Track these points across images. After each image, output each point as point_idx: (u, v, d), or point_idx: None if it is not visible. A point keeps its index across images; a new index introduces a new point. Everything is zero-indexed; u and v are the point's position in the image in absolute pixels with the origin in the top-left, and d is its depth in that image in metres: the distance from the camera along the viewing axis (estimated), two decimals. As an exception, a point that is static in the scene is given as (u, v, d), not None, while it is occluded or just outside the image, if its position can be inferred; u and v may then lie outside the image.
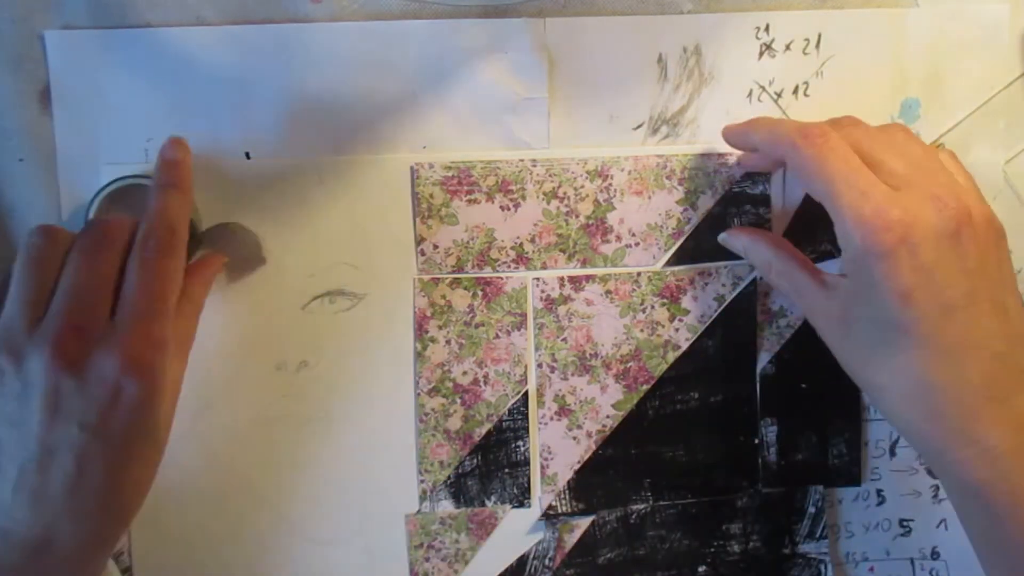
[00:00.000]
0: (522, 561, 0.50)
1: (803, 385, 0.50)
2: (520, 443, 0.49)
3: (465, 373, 0.49)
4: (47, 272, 0.40)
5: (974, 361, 0.38)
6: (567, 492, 0.50)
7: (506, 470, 0.49)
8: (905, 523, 0.51)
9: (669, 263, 0.49)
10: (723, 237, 0.48)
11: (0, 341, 0.39)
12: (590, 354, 0.49)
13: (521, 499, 0.50)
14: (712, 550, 0.50)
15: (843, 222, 0.39)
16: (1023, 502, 0.37)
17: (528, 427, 0.49)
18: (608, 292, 0.49)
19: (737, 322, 0.50)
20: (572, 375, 0.49)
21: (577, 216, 0.48)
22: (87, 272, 0.40)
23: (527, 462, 0.49)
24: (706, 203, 0.49)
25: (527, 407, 0.49)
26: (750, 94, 0.48)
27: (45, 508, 0.38)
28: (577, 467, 0.50)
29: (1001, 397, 0.38)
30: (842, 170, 0.39)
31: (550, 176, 0.48)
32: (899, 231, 0.38)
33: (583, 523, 0.50)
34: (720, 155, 0.49)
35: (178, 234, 0.41)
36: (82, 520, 0.39)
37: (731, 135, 0.46)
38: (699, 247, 0.49)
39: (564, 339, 0.49)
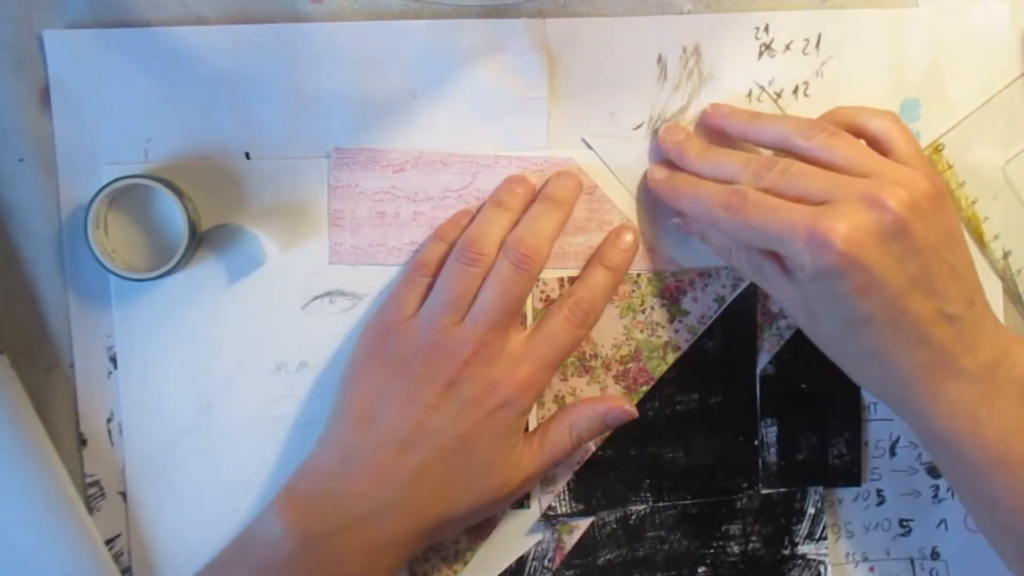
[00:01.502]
0: (521, 562, 0.50)
1: (803, 385, 0.50)
2: (520, 444, 0.49)
3: (465, 373, 0.49)
4: (472, 287, 0.45)
5: (934, 330, 0.41)
6: (566, 493, 0.50)
7: (506, 471, 0.49)
8: (905, 523, 0.51)
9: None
10: (676, 222, 0.48)
11: (418, 330, 0.44)
12: (590, 355, 0.49)
13: (521, 500, 0.50)
14: (712, 551, 0.50)
15: (792, 253, 0.41)
16: (987, 445, 0.41)
17: (528, 428, 0.49)
18: (608, 292, 0.49)
19: (737, 323, 0.50)
20: (572, 375, 0.49)
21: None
22: (507, 299, 0.44)
23: (527, 463, 0.49)
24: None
25: (527, 408, 0.49)
26: (750, 94, 0.48)
27: (381, 487, 0.43)
28: (577, 468, 0.50)
29: (961, 353, 0.41)
30: (767, 217, 0.41)
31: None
32: (838, 245, 0.39)
33: (582, 524, 0.50)
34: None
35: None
36: (401, 515, 0.44)
37: (659, 186, 0.47)
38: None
39: (564, 339, 0.49)
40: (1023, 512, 0.41)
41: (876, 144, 0.44)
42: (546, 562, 0.50)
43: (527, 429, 0.48)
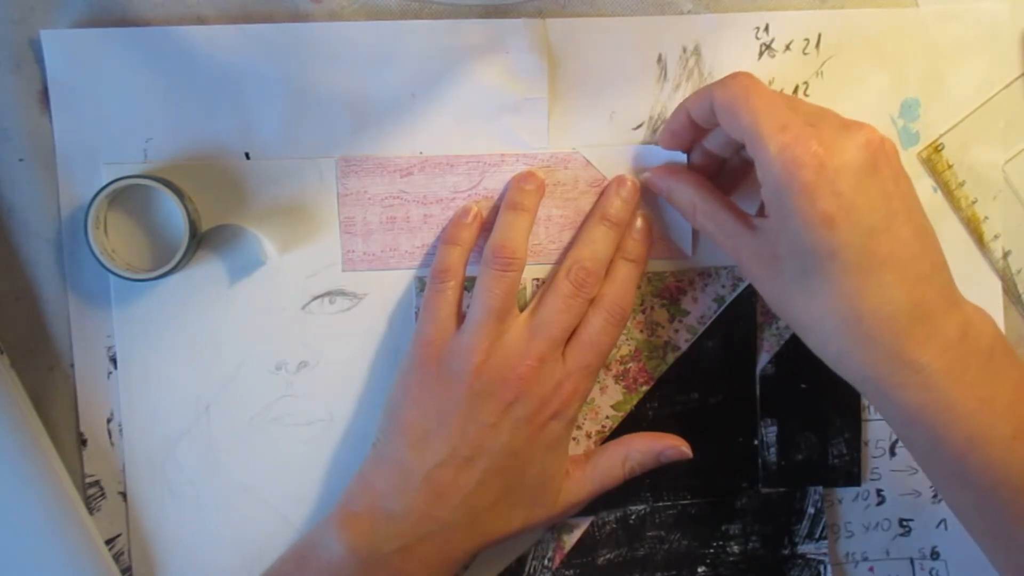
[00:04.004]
0: (521, 561, 0.50)
1: (803, 385, 0.50)
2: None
3: (465, 373, 0.49)
4: (513, 293, 0.45)
5: (900, 283, 0.38)
6: (567, 492, 0.50)
7: (506, 471, 0.49)
8: (905, 523, 0.51)
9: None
10: (645, 177, 0.47)
11: (471, 346, 0.44)
12: (590, 354, 0.49)
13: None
14: (711, 551, 0.50)
15: (764, 154, 0.39)
16: (959, 420, 0.38)
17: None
18: (608, 292, 0.49)
19: (737, 323, 0.50)
20: (572, 375, 0.49)
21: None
22: (566, 317, 0.45)
23: (527, 463, 0.49)
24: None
25: (527, 408, 0.49)
26: (750, 94, 0.48)
27: (440, 506, 0.44)
28: (577, 467, 0.50)
29: (927, 317, 0.39)
30: (765, 104, 0.40)
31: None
32: (818, 159, 0.38)
33: (582, 523, 0.50)
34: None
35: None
36: (457, 533, 0.44)
37: (668, 135, 0.47)
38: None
39: (564, 339, 0.49)
40: (998, 490, 0.39)
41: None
42: (546, 562, 0.50)
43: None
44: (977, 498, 0.40)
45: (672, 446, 0.48)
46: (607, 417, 0.50)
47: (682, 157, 0.48)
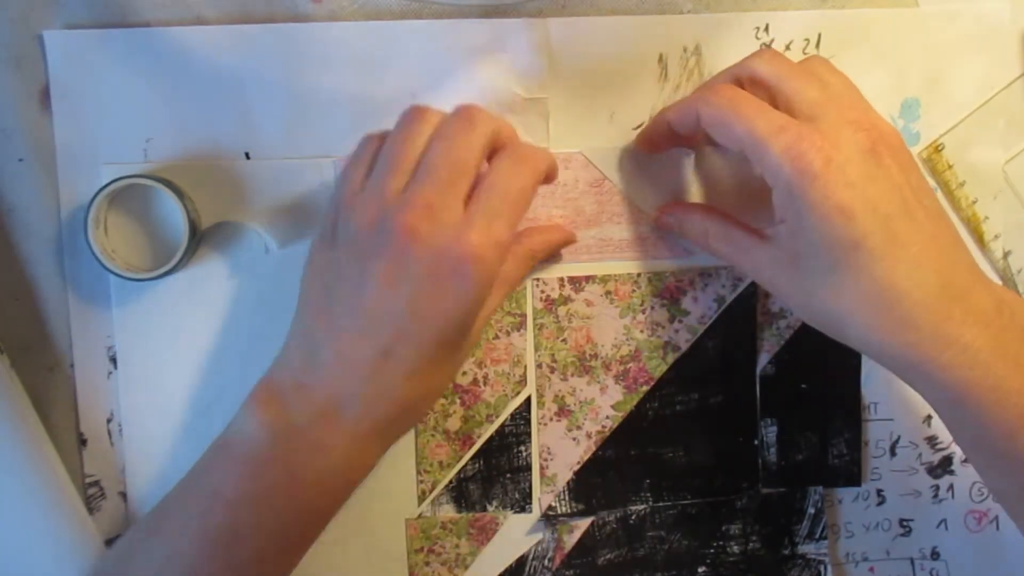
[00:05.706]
0: (521, 562, 0.50)
1: (803, 385, 0.50)
2: (523, 448, 0.49)
3: (464, 373, 0.49)
4: (416, 146, 0.41)
5: (928, 263, 0.39)
6: (566, 493, 0.50)
7: (508, 475, 0.49)
8: (905, 523, 0.51)
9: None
10: (655, 217, 0.48)
11: (363, 202, 0.40)
12: (590, 355, 0.49)
13: (523, 504, 0.49)
14: (712, 551, 0.50)
15: (769, 157, 0.39)
16: (1008, 399, 0.38)
17: (531, 432, 0.49)
18: (608, 293, 0.49)
19: (737, 323, 0.50)
20: (572, 376, 0.49)
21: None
22: (450, 154, 0.40)
23: (529, 467, 0.49)
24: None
25: (530, 412, 0.49)
26: (750, 94, 0.49)
27: (349, 377, 0.40)
28: (577, 468, 0.50)
29: (961, 296, 0.39)
30: (757, 110, 0.40)
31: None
32: (823, 153, 0.39)
33: (582, 524, 0.50)
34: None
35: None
36: (374, 403, 0.41)
37: (645, 141, 0.48)
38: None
39: (564, 340, 0.49)
40: None
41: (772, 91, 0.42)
42: (546, 562, 0.50)
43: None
44: None
45: (566, 236, 0.48)
46: (607, 417, 0.50)
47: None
